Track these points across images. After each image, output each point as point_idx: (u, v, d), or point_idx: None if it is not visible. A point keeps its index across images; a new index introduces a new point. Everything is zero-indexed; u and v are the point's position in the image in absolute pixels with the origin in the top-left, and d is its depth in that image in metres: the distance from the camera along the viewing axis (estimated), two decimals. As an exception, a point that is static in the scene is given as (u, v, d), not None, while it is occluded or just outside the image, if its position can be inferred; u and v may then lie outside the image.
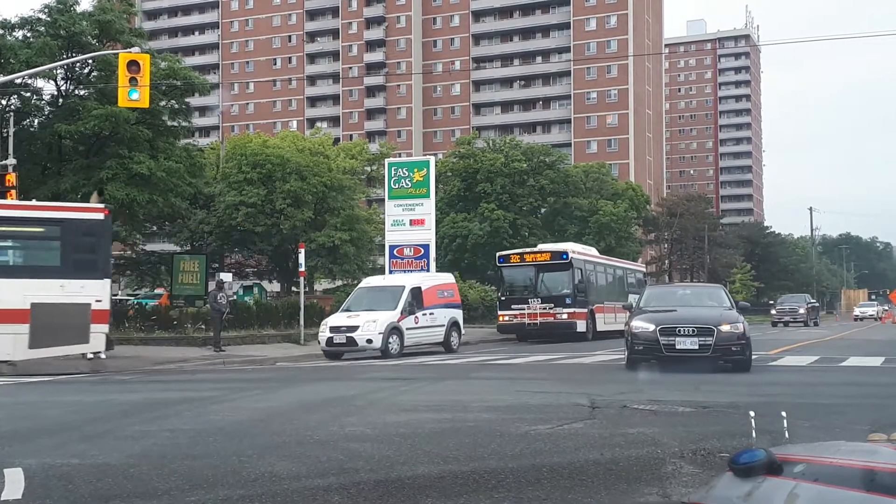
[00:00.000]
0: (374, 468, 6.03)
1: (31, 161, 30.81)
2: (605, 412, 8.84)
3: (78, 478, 5.75)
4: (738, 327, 14.60)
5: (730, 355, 14.50)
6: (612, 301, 33.47)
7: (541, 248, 34.20)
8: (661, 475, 5.67)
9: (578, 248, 35.37)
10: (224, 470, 5.94)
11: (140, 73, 21.23)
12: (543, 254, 32.12)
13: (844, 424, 8.13)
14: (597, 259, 35.97)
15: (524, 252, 33.18)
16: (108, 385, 14.64)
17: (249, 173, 46.60)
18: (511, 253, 33.60)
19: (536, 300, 30.52)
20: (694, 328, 14.39)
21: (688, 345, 14.30)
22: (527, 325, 30.46)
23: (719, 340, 14.23)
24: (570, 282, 30.70)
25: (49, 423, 8.80)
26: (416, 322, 23.56)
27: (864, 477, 2.07)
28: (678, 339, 14.33)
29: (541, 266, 31.45)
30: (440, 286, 26.23)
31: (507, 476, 5.75)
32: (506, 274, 32.52)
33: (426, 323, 24.12)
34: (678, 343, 14.32)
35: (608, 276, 36.20)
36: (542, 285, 31.14)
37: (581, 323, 30.50)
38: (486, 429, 7.79)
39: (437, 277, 27.80)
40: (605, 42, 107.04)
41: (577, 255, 32.40)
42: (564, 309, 30.19)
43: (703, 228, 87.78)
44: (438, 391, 11.97)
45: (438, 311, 24.89)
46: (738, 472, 2.29)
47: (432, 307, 24.62)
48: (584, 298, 31.17)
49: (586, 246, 39.62)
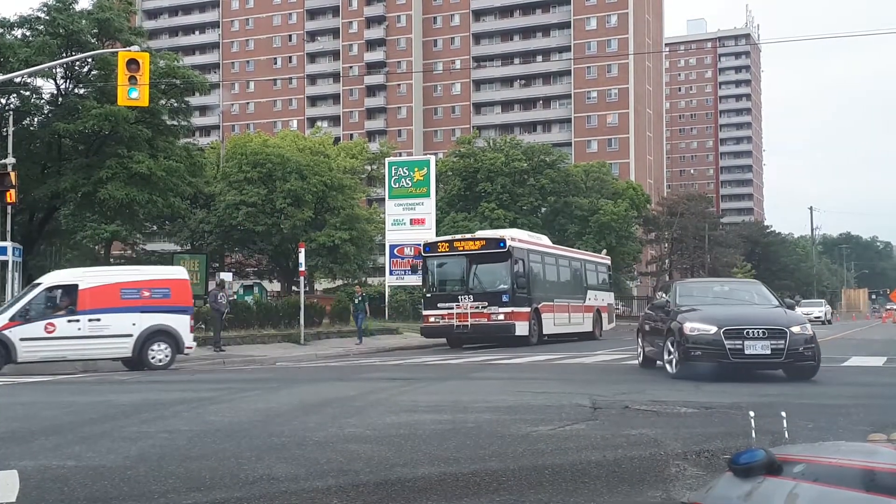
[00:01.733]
0: (373, 470, 5.97)
1: (30, 160, 30.78)
2: (606, 413, 8.77)
3: (74, 480, 5.68)
4: (807, 329, 13.12)
5: (801, 360, 12.83)
6: (567, 298, 30.00)
7: (475, 235, 29.11)
8: (664, 477, 5.60)
9: (522, 234, 30.72)
10: (222, 472, 5.87)
11: (139, 71, 21.16)
12: (477, 241, 27.10)
13: (848, 425, 8.06)
14: (546, 249, 31.00)
15: (454, 239, 28.03)
16: (106, 385, 14.57)
17: (250, 173, 46.60)
18: (439, 240, 28.55)
19: (468, 297, 25.86)
20: (764, 330, 12.65)
21: (758, 349, 12.54)
22: (455, 328, 25.91)
23: (791, 344, 12.61)
24: (508, 275, 25.92)
25: (46, 424, 8.73)
26: (50, 331, 18.35)
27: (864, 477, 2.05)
28: (747, 343, 12.54)
29: (474, 256, 26.51)
30: (134, 284, 19.54)
31: (509, 478, 5.69)
32: (433, 266, 27.41)
33: (84, 332, 18.50)
34: (747, 347, 12.52)
35: (561, 270, 31.56)
36: (474, 279, 26.47)
37: (521, 324, 25.91)
38: (487, 430, 7.73)
39: (139, 272, 21.57)
40: (605, 41, 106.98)
41: (518, 244, 27.40)
42: (500, 308, 25.57)
43: (703, 228, 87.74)
44: (439, 391, 11.91)
45: (118, 317, 18.82)
46: (738, 472, 2.29)
47: (104, 311, 18.75)
48: (527, 295, 26.67)
49: (537, 234, 34.88)
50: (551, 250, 31.62)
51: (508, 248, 26.14)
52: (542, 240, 32.64)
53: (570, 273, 32.10)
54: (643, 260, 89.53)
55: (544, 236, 35.39)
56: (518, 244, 27.29)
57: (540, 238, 32.74)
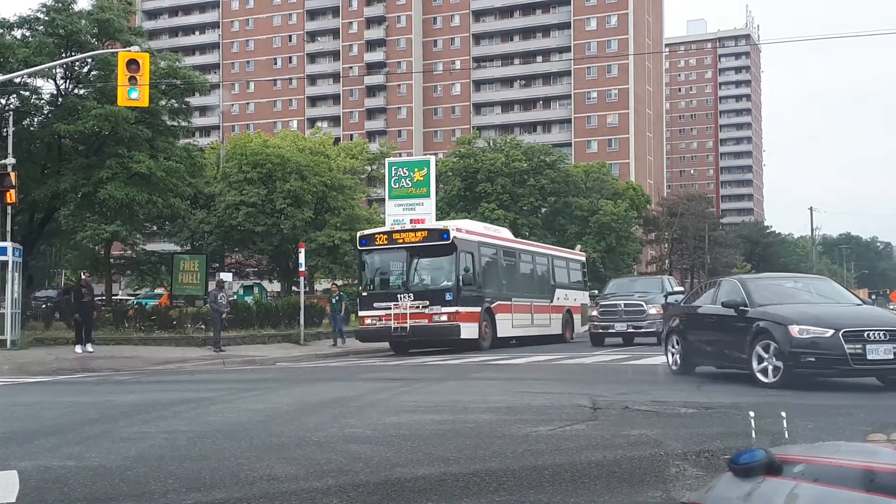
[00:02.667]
0: (373, 470, 5.96)
1: (30, 161, 30.76)
2: (606, 413, 8.77)
3: (73, 480, 5.68)
4: None
5: None
6: (529, 297, 27.58)
7: (416, 226, 26.29)
8: (664, 477, 5.59)
9: (473, 226, 28.21)
10: (222, 472, 5.87)
11: (139, 71, 21.17)
12: (418, 232, 24.46)
13: (848, 425, 8.06)
14: (502, 242, 28.14)
15: (393, 231, 25.28)
16: (106, 385, 14.57)
17: (250, 173, 46.60)
18: (376, 232, 25.67)
19: (407, 296, 23.38)
20: (885, 332, 11.21)
21: (881, 354, 11.09)
22: (393, 330, 23.38)
23: None
24: (452, 270, 23.44)
25: (46, 424, 8.73)
26: None
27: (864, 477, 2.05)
28: (869, 347, 11.07)
29: (415, 250, 23.87)
30: None
31: (509, 478, 5.68)
32: (369, 261, 25.02)
33: None
34: (870, 352, 11.07)
35: (522, 266, 29.03)
36: (415, 276, 24.00)
37: (468, 326, 23.36)
38: (487, 430, 7.73)
39: None
40: (605, 42, 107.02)
41: (466, 236, 24.74)
42: (444, 307, 23.01)
43: (703, 228, 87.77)
44: (439, 391, 11.91)
45: None
46: (738, 472, 2.28)
47: None
48: (477, 293, 24.18)
49: (496, 227, 32.19)
50: (510, 244, 28.88)
51: (452, 240, 23.52)
52: (502, 232, 30.38)
53: (534, 270, 29.72)
54: (643, 260, 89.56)
55: (505, 229, 33.25)
56: (465, 236, 24.64)
57: (499, 231, 30.42)
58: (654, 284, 27.77)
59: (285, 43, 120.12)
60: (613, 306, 25.70)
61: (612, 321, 25.51)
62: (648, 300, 25.11)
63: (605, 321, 25.68)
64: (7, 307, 24.77)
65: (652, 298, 24.93)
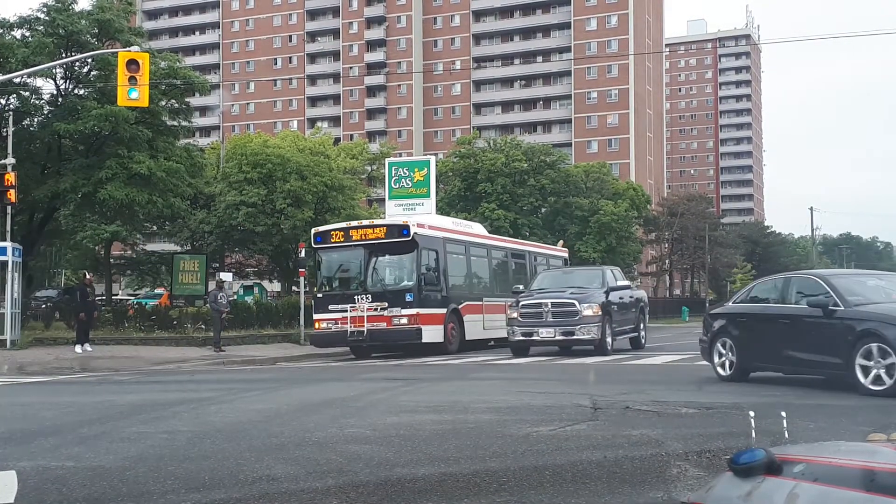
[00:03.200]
0: (373, 471, 5.94)
1: (30, 161, 30.75)
2: (607, 413, 8.74)
3: (72, 481, 5.65)
4: None
5: None
6: (505, 297, 23.81)
7: (375, 221, 24.28)
8: (665, 478, 5.57)
9: (439, 221, 25.97)
10: (221, 473, 5.84)
11: (139, 71, 21.15)
12: (377, 228, 22.49)
13: (850, 426, 8.03)
14: (473, 238, 26.19)
15: (350, 227, 23.18)
16: (106, 385, 14.55)
17: (250, 173, 46.54)
18: (332, 228, 23.58)
19: (365, 298, 21.55)
20: None
21: None
22: (349, 335, 21.59)
23: None
24: (413, 269, 21.73)
25: (45, 424, 8.71)
26: None
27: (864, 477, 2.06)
28: None
29: (374, 247, 22.12)
30: None
31: (510, 479, 5.66)
32: (325, 260, 23.29)
33: None
34: None
35: (496, 263, 27.22)
36: (374, 276, 22.26)
37: (432, 329, 21.57)
38: (487, 430, 7.70)
39: None
40: (605, 42, 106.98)
41: (429, 231, 22.68)
42: (404, 309, 21.23)
43: (703, 228, 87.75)
44: (439, 391, 11.88)
45: None
46: (738, 471, 2.29)
47: None
48: (442, 294, 22.46)
49: (465, 221, 30.33)
50: (481, 240, 26.86)
51: (413, 236, 21.61)
52: (474, 228, 28.60)
53: (511, 267, 27.81)
54: (643, 260, 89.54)
55: (478, 225, 31.20)
56: (428, 232, 22.56)
57: (471, 226, 28.60)
58: (593, 277, 22.33)
59: (285, 43, 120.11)
60: (537, 305, 19.88)
61: (536, 325, 19.71)
62: (584, 297, 19.86)
63: (525, 325, 19.83)
64: (7, 307, 24.77)
65: (589, 295, 20.07)
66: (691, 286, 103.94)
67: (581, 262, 68.69)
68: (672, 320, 69.46)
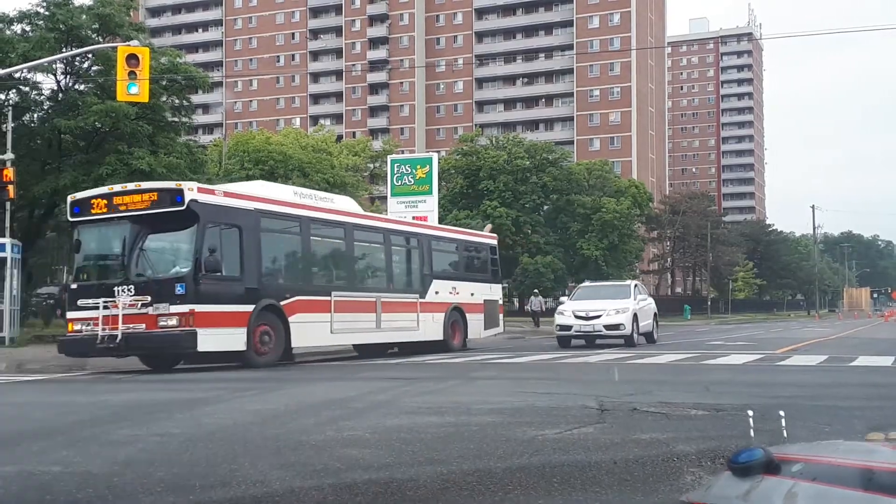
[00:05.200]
0: (372, 477, 5.69)
1: (30, 157, 30.59)
2: (614, 415, 8.49)
3: (57, 487, 5.41)
4: None
5: None
6: (374, 291, 21.04)
7: (142, 185, 17.45)
8: (680, 486, 5.32)
9: (250, 188, 19.76)
10: (212, 479, 5.59)
11: (139, 66, 20.93)
12: (146, 195, 16.60)
13: (866, 429, 7.76)
14: (311, 213, 19.58)
15: (114, 194, 17.09)
16: (102, 384, 14.31)
17: (252, 170, 46.43)
18: (92, 195, 17.62)
19: (126, 289, 16.13)
20: None
21: None
22: (99, 341, 16.13)
23: None
24: (190, 250, 16.25)
25: (35, 425, 8.47)
26: None
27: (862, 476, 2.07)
28: None
29: (142, 221, 16.56)
30: None
31: (515, 486, 5.41)
32: (84, 238, 17.76)
33: None
34: None
35: (359, 247, 21.50)
36: (139, 260, 16.58)
37: (218, 334, 16.30)
38: (491, 433, 7.45)
39: None
40: (607, 39, 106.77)
41: (216, 200, 16.92)
42: (173, 306, 15.89)
43: (705, 226, 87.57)
44: (440, 392, 11.64)
45: None
46: (737, 471, 2.29)
47: None
48: (244, 286, 17.12)
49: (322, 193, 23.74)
50: (334, 217, 20.45)
51: (189, 205, 16.08)
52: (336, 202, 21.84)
53: (389, 254, 22.42)
54: (645, 258, 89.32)
55: (348, 199, 24.11)
56: (219, 200, 16.96)
57: (331, 200, 21.83)
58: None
59: (288, 40, 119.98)
60: None
61: None
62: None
63: None
64: (6, 304, 24.59)
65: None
66: (693, 284, 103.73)
67: (583, 261, 68.55)
68: (674, 319, 69.24)
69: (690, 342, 29.49)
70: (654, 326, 27.40)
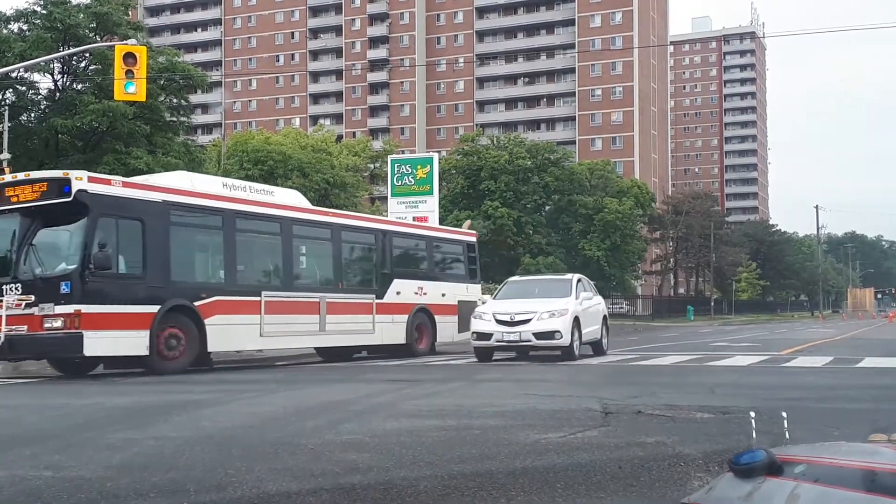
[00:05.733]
0: (370, 481, 5.54)
1: (27, 156, 30.47)
2: (619, 418, 8.34)
3: (48, 493, 5.26)
4: None
5: None
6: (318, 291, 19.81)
7: (33, 175, 16.02)
8: (687, 491, 5.17)
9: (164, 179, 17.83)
10: (208, 484, 5.45)
11: (136, 65, 20.78)
12: (35, 186, 15.40)
13: (875, 432, 7.61)
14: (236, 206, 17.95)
15: (5, 185, 15.81)
16: (97, 387, 14.16)
17: (251, 170, 46.28)
18: None
19: (13, 288, 14.96)
20: None
21: None
22: None
23: None
24: (78, 246, 14.97)
25: (28, 429, 8.32)
26: None
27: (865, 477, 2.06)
28: None
29: (31, 213, 15.37)
30: None
31: (518, 491, 5.27)
32: None
33: None
34: None
35: (301, 243, 20.34)
36: (26, 256, 15.26)
37: (105, 336, 14.89)
38: (493, 437, 7.30)
39: None
40: (609, 39, 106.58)
41: (110, 190, 15.52)
42: (58, 306, 14.60)
43: (708, 227, 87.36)
44: (442, 394, 11.49)
45: None
46: (739, 472, 2.28)
47: None
48: (147, 284, 15.81)
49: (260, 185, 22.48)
50: (267, 210, 18.87)
51: (76, 196, 14.84)
52: (280, 196, 20.44)
53: (339, 251, 20.85)
54: (648, 259, 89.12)
55: (287, 191, 22.32)
56: (114, 191, 15.54)
57: (270, 192, 20.42)
58: None
59: (287, 40, 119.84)
60: None
61: None
62: None
63: None
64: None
65: None
66: (696, 285, 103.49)
67: (585, 262, 68.34)
68: (677, 319, 69.10)
69: (694, 343, 29.33)
70: (603, 333, 21.11)
